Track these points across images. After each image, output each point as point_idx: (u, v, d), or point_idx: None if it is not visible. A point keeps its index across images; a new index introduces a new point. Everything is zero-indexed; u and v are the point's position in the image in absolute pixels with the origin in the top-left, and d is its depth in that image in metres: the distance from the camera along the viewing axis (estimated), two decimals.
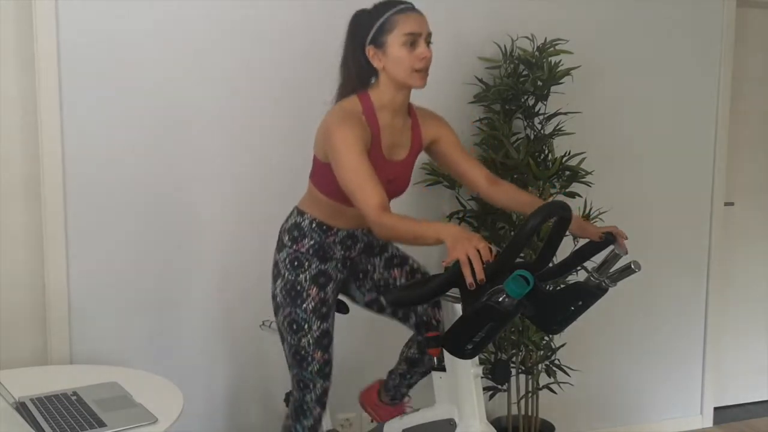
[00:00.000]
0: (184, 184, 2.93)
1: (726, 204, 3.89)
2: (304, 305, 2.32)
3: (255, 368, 3.08)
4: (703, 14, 3.68)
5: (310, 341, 2.33)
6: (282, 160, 3.00)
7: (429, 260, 3.09)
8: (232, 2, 2.92)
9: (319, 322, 2.33)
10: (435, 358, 2.27)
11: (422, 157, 3.05)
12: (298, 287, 2.33)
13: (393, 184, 2.29)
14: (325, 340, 2.36)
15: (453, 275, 1.88)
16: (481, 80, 3.20)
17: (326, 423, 2.54)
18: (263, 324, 2.79)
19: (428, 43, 2.22)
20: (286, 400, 2.67)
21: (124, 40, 2.81)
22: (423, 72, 2.21)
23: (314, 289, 2.33)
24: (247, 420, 3.10)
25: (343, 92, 2.30)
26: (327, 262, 2.36)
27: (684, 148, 3.73)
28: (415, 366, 2.58)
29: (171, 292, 2.95)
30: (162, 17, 2.84)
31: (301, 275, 2.33)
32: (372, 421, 2.87)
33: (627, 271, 2.11)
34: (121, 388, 2.24)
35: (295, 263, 2.34)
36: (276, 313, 2.39)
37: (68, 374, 2.53)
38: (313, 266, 2.34)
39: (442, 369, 2.20)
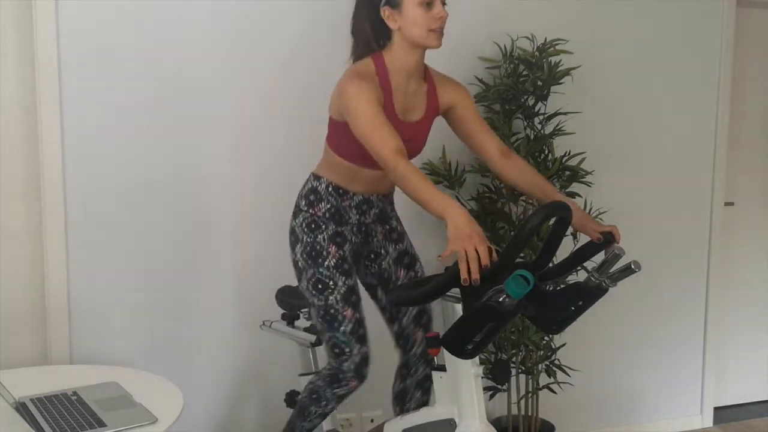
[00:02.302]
0: (184, 185, 2.93)
1: (726, 204, 3.88)
2: (326, 263, 2.32)
3: (255, 368, 3.08)
4: (703, 14, 3.67)
5: (338, 298, 2.31)
6: (287, 159, 3.00)
7: (431, 258, 3.10)
8: (234, 1, 2.92)
9: (344, 278, 2.33)
10: (435, 358, 2.27)
11: (422, 158, 3.06)
12: (318, 247, 2.33)
13: (408, 144, 2.26)
14: (353, 297, 2.33)
15: (453, 275, 1.88)
16: (481, 80, 3.20)
17: (326, 423, 2.54)
18: (263, 324, 2.80)
19: (443, 2, 2.23)
20: (287, 400, 2.68)
21: (124, 40, 2.80)
22: (439, 32, 2.22)
23: (333, 247, 2.34)
24: (248, 420, 3.10)
25: (357, 55, 2.31)
26: (343, 226, 2.38)
27: (684, 148, 3.73)
28: (404, 398, 2.56)
29: (171, 292, 2.95)
30: (162, 17, 2.84)
31: (319, 236, 2.34)
32: (372, 422, 2.87)
33: (627, 271, 2.11)
34: (121, 388, 2.24)
35: (312, 226, 2.36)
36: (300, 280, 2.38)
37: (68, 374, 2.53)
38: (330, 228, 2.36)
39: (442, 369, 2.20)
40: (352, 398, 2.72)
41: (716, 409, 3.98)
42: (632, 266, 2.10)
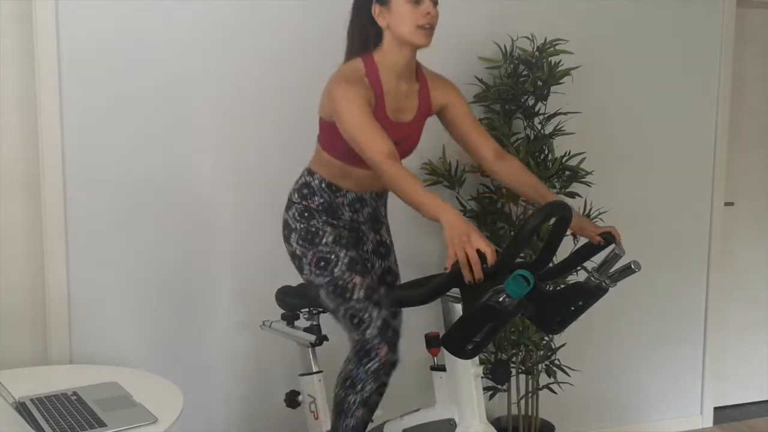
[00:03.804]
0: (184, 185, 2.93)
1: (726, 204, 3.88)
2: (324, 240, 2.30)
3: (255, 368, 3.08)
4: (703, 14, 3.67)
5: (343, 268, 2.26)
6: (286, 159, 2.99)
7: (431, 259, 3.10)
8: (233, 2, 2.92)
9: (344, 251, 2.29)
10: (434, 358, 2.28)
11: (422, 157, 3.06)
12: (313, 229, 2.32)
13: (400, 145, 2.25)
14: (358, 266, 2.28)
15: (453, 275, 1.88)
16: (481, 80, 3.20)
17: (326, 423, 2.54)
18: (263, 324, 2.80)
19: (435, 2, 2.22)
20: (287, 400, 2.68)
21: (124, 40, 2.80)
22: (427, 29, 2.20)
23: (328, 227, 2.32)
24: (248, 420, 3.10)
25: (349, 54, 2.31)
26: (335, 221, 2.36)
27: (684, 148, 3.73)
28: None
29: (171, 292, 2.94)
30: (163, 17, 2.84)
31: (312, 221, 2.33)
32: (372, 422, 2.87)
33: (627, 271, 2.12)
34: (121, 388, 2.24)
35: (305, 214, 2.34)
36: (301, 268, 2.34)
37: (68, 374, 2.53)
38: (323, 217, 2.34)
39: (442, 369, 2.20)
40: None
41: (716, 409, 3.98)
42: (632, 266, 2.10)
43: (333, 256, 2.28)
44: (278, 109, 3.01)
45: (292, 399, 2.66)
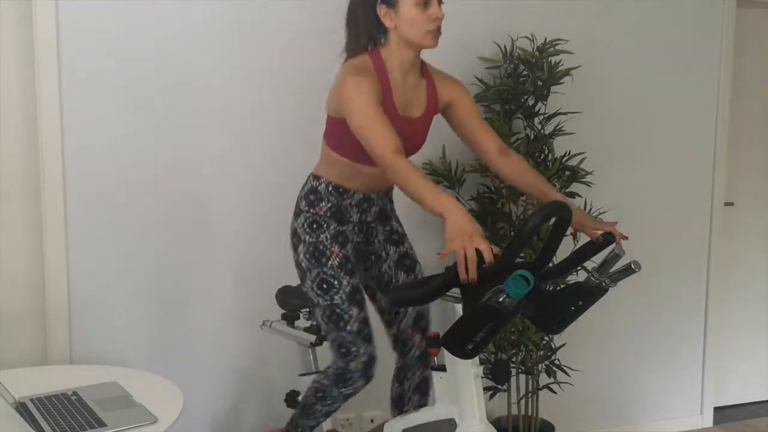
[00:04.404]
0: (184, 184, 2.93)
1: (726, 204, 3.88)
2: (330, 262, 2.31)
3: (256, 368, 3.08)
4: (703, 14, 3.67)
5: (343, 297, 2.29)
6: (286, 158, 3.00)
7: (431, 259, 3.10)
8: (236, 2, 2.91)
9: (348, 278, 2.31)
10: (435, 357, 2.27)
11: (422, 157, 3.06)
12: (321, 246, 2.32)
13: (408, 141, 2.26)
14: (358, 296, 2.32)
15: (453, 275, 1.88)
16: (481, 80, 3.20)
17: (326, 423, 2.54)
18: (263, 324, 2.79)
19: (440, 2, 2.23)
20: (287, 400, 2.67)
21: (124, 40, 2.80)
22: (435, 32, 2.22)
23: (336, 246, 2.32)
24: (248, 420, 3.10)
25: (351, 51, 2.30)
26: (344, 225, 2.37)
27: (684, 148, 3.73)
28: (403, 401, 2.55)
29: (171, 292, 2.95)
30: (162, 16, 2.84)
31: (321, 235, 2.33)
32: (372, 422, 2.87)
33: (627, 271, 2.11)
34: (121, 388, 2.24)
35: (314, 225, 2.34)
36: (303, 280, 2.36)
37: (68, 374, 2.53)
38: (332, 227, 2.34)
39: (442, 369, 2.20)
40: (353, 398, 2.73)
41: (716, 409, 3.98)
42: (632, 266, 2.10)
43: (336, 282, 2.30)
44: (282, 110, 3.01)
45: (292, 399, 2.66)
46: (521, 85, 3.09)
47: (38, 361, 2.85)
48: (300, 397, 2.51)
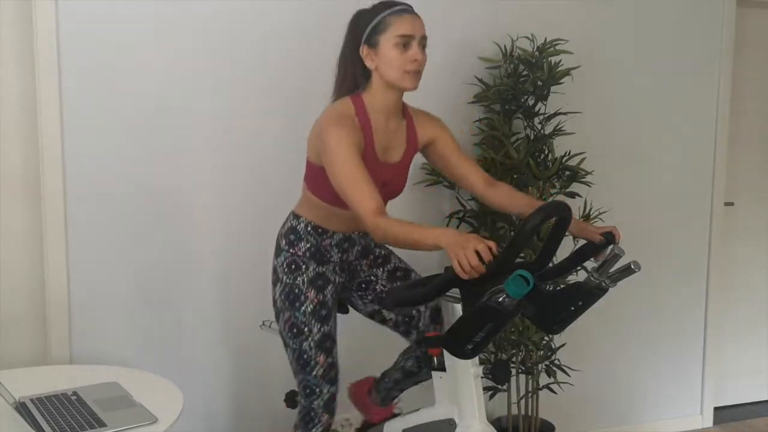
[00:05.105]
0: (184, 184, 2.93)
1: (726, 204, 3.88)
2: (303, 308, 2.31)
3: (255, 368, 3.08)
4: (703, 14, 3.68)
5: (311, 345, 2.32)
6: (281, 160, 3.00)
7: (431, 259, 3.10)
8: (232, 3, 2.92)
9: (319, 325, 2.32)
10: (435, 358, 2.28)
11: (422, 157, 3.06)
12: (296, 290, 2.32)
13: (388, 186, 2.28)
14: (327, 343, 2.34)
15: (453, 275, 1.88)
16: (481, 80, 3.20)
17: None
18: (263, 324, 2.79)
19: (423, 46, 2.21)
20: (287, 400, 2.67)
21: (124, 40, 2.80)
22: (414, 74, 2.20)
23: (312, 291, 2.32)
24: (248, 420, 3.10)
25: (338, 91, 2.30)
26: (324, 265, 2.36)
27: (684, 148, 3.73)
28: (411, 377, 2.58)
29: (171, 291, 2.95)
30: (162, 17, 2.84)
31: (299, 278, 2.33)
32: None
33: (627, 271, 2.11)
34: (121, 388, 2.24)
35: (293, 266, 2.34)
36: (277, 319, 2.38)
37: (68, 374, 2.53)
38: (311, 269, 2.34)
39: (442, 369, 2.20)
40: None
41: (716, 409, 3.98)
42: (632, 266, 2.10)
43: (306, 329, 2.32)
44: (281, 114, 3.00)
45: (292, 399, 2.66)
46: (521, 85, 3.09)
47: (38, 361, 2.85)
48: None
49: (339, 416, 3.12)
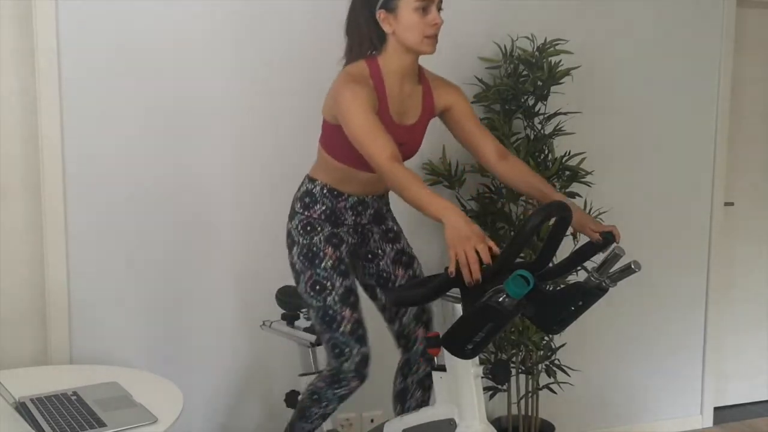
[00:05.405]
0: (185, 184, 2.93)
1: (726, 204, 3.88)
2: (323, 264, 2.32)
3: (256, 368, 3.08)
4: (703, 14, 3.67)
5: (336, 299, 2.31)
6: (284, 159, 3.00)
7: (431, 258, 3.10)
8: (238, 3, 2.91)
9: (341, 279, 2.33)
10: (435, 358, 2.27)
11: (422, 157, 3.06)
12: (314, 248, 2.33)
13: (404, 147, 2.27)
14: (351, 298, 2.34)
15: (453, 275, 1.88)
16: (481, 80, 3.20)
17: (326, 423, 2.54)
18: (263, 324, 2.80)
19: (439, 9, 2.23)
20: (287, 400, 2.68)
21: (124, 39, 2.80)
22: (433, 38, 2.22)
23: (330, 248, 2.34)
24: (248, 420, 3.10)
25: (351, 57, 2.31)
26: (339, 227, 2.38)
27: (684, 148, 3.73)
28: (405, 396, 2.56)
29: (171, 292, 2.95)
30: (162, 16, 2.84)
31: (315, 237, 2.34)
32: (372, 422, 2.87)
33: (627, 271, 2.11)
34: (121, 388, 2.24)
35: (308, 228, 2.35)
36: (298, 282, 2.38)
37: (68, 374, 2.53)
38: (326, 229, 2.36)
39: (442, 369, 2.20)
40: (352, 398, 2.73)
41: (716, 409, 3.98)
42: (632, 266, 2.10)
43: (329, 284, 2.32)
44: (283, 110, 3.00)
45: (292, 399, 2.66)
46: (521, 85, 3.09)
47: (38, 361, 2.85)
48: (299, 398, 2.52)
49: (339, 416, 3.13)
